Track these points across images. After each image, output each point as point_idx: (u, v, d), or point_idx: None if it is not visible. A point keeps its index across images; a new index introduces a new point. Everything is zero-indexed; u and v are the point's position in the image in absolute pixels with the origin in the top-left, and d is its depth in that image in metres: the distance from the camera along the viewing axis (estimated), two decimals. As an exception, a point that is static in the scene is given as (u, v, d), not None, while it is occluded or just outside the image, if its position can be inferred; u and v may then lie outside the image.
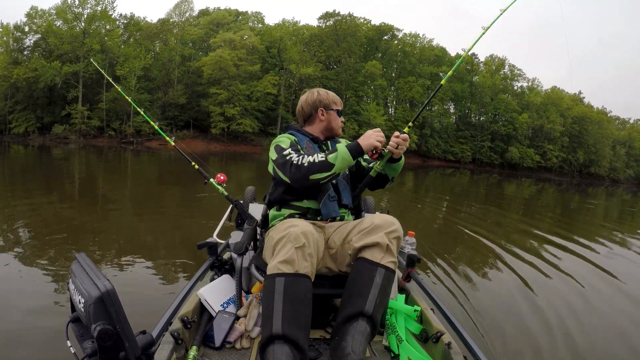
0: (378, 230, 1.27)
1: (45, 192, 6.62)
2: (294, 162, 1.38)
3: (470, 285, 3.27)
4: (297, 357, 1.06)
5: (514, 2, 1.83)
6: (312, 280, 1.21)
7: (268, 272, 1.19)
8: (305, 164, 1.36)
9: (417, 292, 1.68)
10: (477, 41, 1.89)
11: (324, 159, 1.36)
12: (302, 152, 1.53)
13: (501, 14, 1.82)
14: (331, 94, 1.69)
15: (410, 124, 1.64)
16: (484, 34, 1.84)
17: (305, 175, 1.34)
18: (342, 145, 1.40)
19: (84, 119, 27.57)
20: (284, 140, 1.55)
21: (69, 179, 8.88)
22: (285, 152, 1.45)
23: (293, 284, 1.14)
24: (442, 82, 1.75)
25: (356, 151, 1.38)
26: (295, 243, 1.19)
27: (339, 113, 1.69)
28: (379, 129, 1.46)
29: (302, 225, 1.25)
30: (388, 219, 1.32)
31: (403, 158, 1.55)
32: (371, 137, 1.41)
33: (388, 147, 1.47)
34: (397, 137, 1.46)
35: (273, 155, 1.50)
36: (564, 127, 43.46)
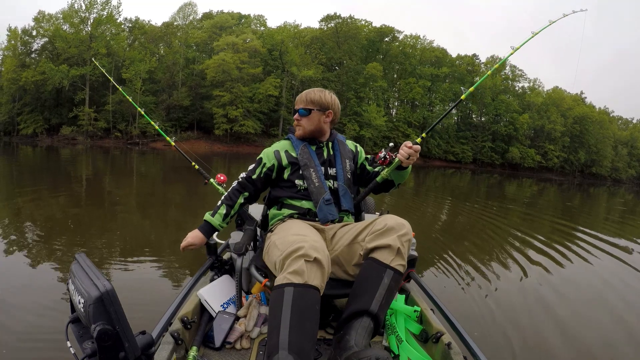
0: (391, 233, 1.27)
1: (53, 190, 6.70)
2: (233, 185, 1.65)
3: (472, 283, 3.25)
4: None
5: (560, 18, 1.80)
6: (321, 294, 1.16)
7: (277, 283, 1.14)
8: (224, 195, 1.64)
9: (417, 293, 1.67)
10: (510, 54, 1.90)
11: (215, 210, 1.60)
12: (291, 160, 1.58)
13: (548, 25, 1.78)
14: (303, 93, 1.61)
15: (423, 134, 1.59)
16: (518, 48, 1.81)
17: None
18: (208, 215, 1.59)
19: (90, 121, 27.88)
20: (264, 155, 1.62)
21: (76, 179, 8.97)
22: (246, 172, 1.63)
23: (302, 294, 1.09)
24: (463, 97, 1.73)
25: (207, 233, 1.59)
26: (306, 258, 1.15)
27: (298, 112, 1.59)
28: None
29: (310, 237, 1.23)
30: (400, 221, 1.32)
31: (410, 166, 1.53)
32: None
33: (398, 155, 1.45)
34: (410, 147, 1.42)
35: None
36: (565, 127, 43.24)
